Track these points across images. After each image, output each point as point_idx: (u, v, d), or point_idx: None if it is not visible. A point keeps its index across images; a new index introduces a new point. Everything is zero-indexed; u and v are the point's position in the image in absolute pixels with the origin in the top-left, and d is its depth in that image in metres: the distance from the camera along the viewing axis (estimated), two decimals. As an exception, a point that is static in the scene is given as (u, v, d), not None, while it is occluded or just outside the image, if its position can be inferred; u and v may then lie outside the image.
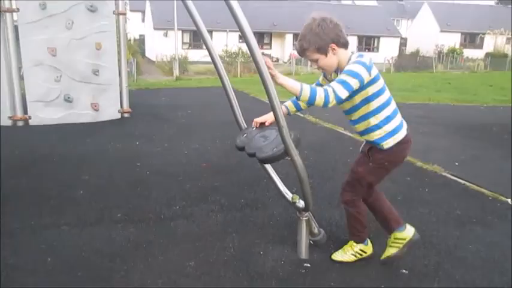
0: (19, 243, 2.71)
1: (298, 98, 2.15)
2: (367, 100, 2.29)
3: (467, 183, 4.18)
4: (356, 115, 2.38)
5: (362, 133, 2.44)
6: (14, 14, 6.04)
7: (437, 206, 3.56)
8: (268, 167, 2.77)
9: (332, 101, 2.10)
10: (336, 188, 3.81)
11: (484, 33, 40.36)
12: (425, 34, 41.02)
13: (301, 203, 2.54)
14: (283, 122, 2.08)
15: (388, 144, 2.35)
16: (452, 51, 36.94)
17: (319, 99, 2.08)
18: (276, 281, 2.38)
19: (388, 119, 2.34)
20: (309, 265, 2.55)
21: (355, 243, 2.60)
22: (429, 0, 43.92)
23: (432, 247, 2.83)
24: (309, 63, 20.81)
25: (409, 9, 52.98)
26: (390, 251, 2.52)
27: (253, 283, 2.35)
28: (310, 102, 2.10)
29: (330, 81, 2.26)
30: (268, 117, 2.49)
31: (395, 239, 2.51)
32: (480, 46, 40.87)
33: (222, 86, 2.59)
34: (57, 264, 2.47)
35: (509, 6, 42.35)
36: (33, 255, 2.57)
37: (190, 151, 5.00)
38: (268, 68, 2.01)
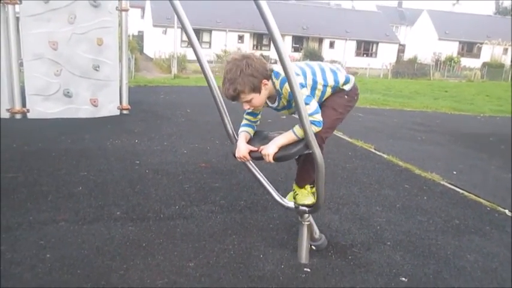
0: (17, 239, 2.69)
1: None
2: (315, 82, 2.41)
3: (466, 193, 4.20)
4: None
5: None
6: (16, 6, 6.01)
7: (436, 214, 3.58)
8: (261, 176, 2.73)
9: (320, 117, 2.25)
10: (335, 193, 3.84)
11: (481, 43, 40.65)
12: (424, 41, 41.24)
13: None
14: (304, 112, 2.09)
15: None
16: (450, 59, 37.15)
17: (317, 127, 2.26)
18: (275, 284, 2.37)
19: (335, 75, 2.48)
20: (308, 270, 2.54)
21: (310, 185, 2.62)
22: (428, 8, 44.15)
23: (431, 256, 2.84)
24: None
25: (408, 16, 53.27)
26: (312, 199, 2.57)
27: (252, 286, 2.34)
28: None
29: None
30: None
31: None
32: (477, 55, 41.16)
33: (211, 93, 2.51)
34: (56, 261, 2.45)
35: (507, 16, 42.70)
36: (31, 251, 2.55)
37: (189, 150, 4.99)
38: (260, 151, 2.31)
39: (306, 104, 2.18)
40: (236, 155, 2.43)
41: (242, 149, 2.40)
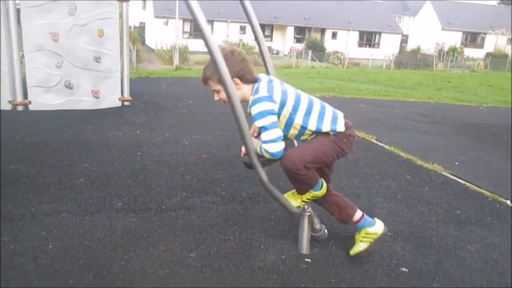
0: (19, 230, 2.70)
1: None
2: (291, 119, 2.34)
3: (467, 184, 4.20)
4: (292, 135, 2.44)
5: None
6: (17, -3, 5.99)
7: (437, 205, 3.58)
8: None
9: (274, 148, 2.24)
10: (337, 184, 3.84)
11: (485, 33, 40.35)
12: (427, 32, 40.98)
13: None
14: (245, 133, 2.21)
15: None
16: (453, 49, 36.94)
17: (268, 155, 2.28)
18: (276, 275, 2.38)
19: (320, 121, 2.38)
20: (309, 260, 2.55)
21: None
22: (432, -2, 43.79)
23: (432, 246, 2.84)
24: (309, 57, 20.50)
25: (411, 6, 52.87)
26: (362, 246, 2.55)
27: (254, 277, 2.35)
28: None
29: None
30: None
31: (366, 233, 2.55)
32: (481, 46, 40.88)
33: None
34: (59, 252, 2.47)
35: (511, 6, 42.30)
36: (33, 242, 2.56)
37: (191, 142, 4.99)
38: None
39: (265, 129, 2.22)
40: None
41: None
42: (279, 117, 2.31)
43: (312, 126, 2.36)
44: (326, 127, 2.37)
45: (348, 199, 2.68)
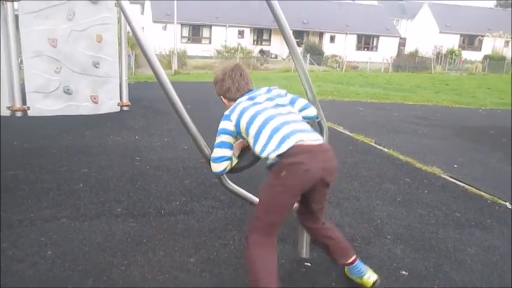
0: (19, 236, 2.70)
1: None
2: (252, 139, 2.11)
3: (466, 186, 4.20)
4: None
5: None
6: (15, 3, 5.99)
7: (437, 208, 3.58)
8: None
9: (212, 167, 2.30)
10: (336, 188, 3.84)
11: (482, 36, 40.44)
12: (425, 35, 41.04)
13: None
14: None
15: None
16: (451, 52, 36.99)
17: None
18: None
19: (265, 146, 2.02)
20: (309, 264, 2.55)
21: None
22: (429, 1, 43.94)
23: (431, 249, 2.84)
24: (308, 61, 20.44)
25: (409, 9, 52.96)
26: None
27: (253, 281, 2.34)
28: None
29: None
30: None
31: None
32: (479, 48, 40.94)
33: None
34: (58, 258, 2.46)
35: (509, 9, 42.46)
36: (33, 248, 2.56)
37: (190, 146, 4.99)
38: None
39: (214, 147, 2.27)
40: None
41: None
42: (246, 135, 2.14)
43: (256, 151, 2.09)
44: (264, 152, 2.02)
45: (343, 238, 2.35)
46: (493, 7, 49.96)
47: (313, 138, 2.02)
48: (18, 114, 6.24)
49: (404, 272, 2.54)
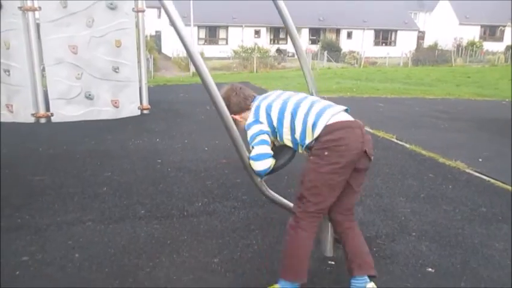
0: (47, 239, 2.76)
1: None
2: (280, 135, 2.21)
3: (492, 180, 4.11)
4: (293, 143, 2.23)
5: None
6: (36, 12, 6.12)
7: (462, 203, 3.52)
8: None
9: (255, 166, 2.21)
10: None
11: (504, 26, 39.50)
12: (444, 27, 40.32)
13: None
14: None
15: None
16: (472, 44, 36.26)
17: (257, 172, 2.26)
18: (300, 278, 2.37)
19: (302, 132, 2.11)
20: (333, 263, 2.54)
21: None
22: (448, -7, 43.15)
23: (458, 245, 2.80)
24: (325, 58, 20.29)
25: (427, 2, 52.09)
26: None
27: (277, 281, 2.34)
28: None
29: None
30: None
31: None
32: (500, 39, 40.00)
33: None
34: (85, 260, 2.51)
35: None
36: (60, 251, 2.62)
37: (210, 147, 5.02)
38: None
39: (253, 147, 2.22)
40: None
41: None
42: (279, 134, 2.21)
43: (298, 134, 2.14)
44: (307, 139, 2.10)
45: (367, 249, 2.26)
46: (514, -4, 48.74)
47: (345, 115, 2.13)
48: (42, 120, 6.37)
49: (430, 269, 2.50)
